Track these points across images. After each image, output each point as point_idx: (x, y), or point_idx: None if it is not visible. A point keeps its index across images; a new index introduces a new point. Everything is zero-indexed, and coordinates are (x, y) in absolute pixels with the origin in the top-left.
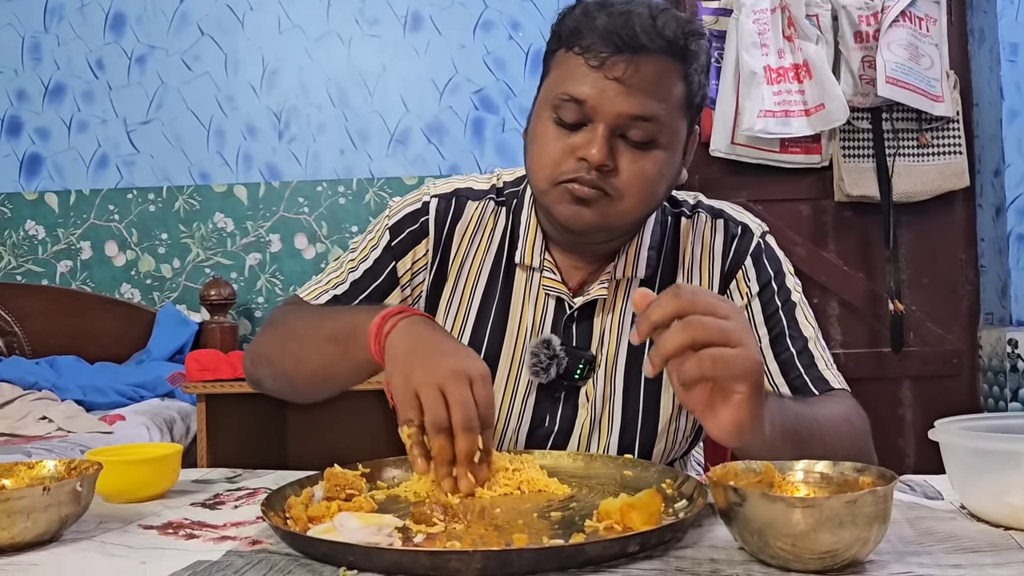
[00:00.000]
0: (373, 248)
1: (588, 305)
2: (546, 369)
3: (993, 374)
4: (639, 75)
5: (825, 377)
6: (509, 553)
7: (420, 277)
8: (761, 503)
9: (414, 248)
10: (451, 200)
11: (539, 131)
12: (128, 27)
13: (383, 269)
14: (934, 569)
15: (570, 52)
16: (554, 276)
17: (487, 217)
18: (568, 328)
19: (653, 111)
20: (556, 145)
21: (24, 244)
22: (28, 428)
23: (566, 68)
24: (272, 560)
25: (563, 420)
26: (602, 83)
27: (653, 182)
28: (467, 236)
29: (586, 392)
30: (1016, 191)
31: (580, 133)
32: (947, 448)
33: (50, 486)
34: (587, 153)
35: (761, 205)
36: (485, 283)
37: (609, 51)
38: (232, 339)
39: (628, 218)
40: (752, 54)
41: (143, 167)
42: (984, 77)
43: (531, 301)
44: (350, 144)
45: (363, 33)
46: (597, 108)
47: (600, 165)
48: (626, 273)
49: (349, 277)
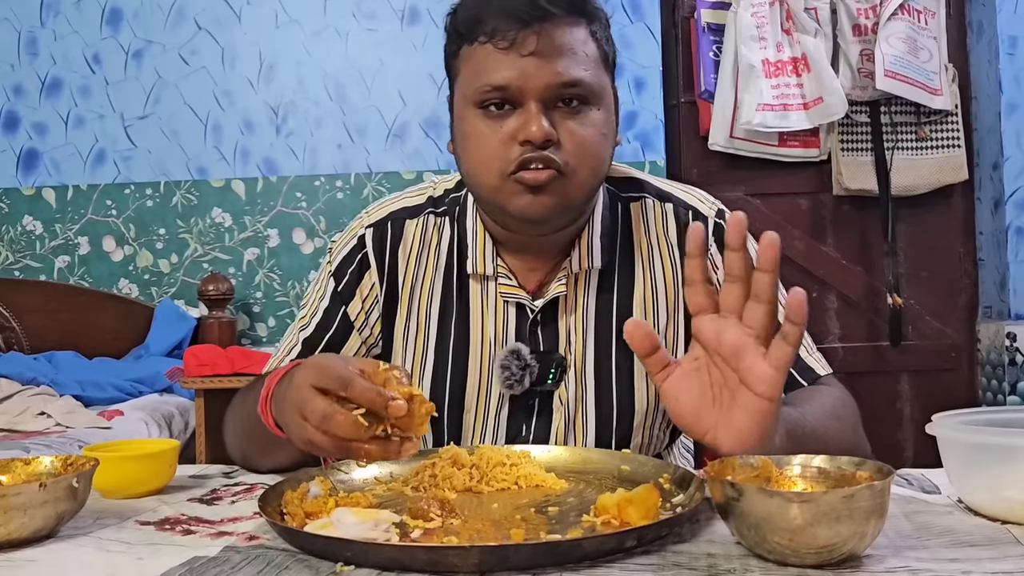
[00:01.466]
0: (321, 299)
1: (550, 306)
2: (520, 380)
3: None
4: (551, 43)
5: (810, 365)
6: (506, 548)
7: (375, 314)
8: (758, 498)
9: (359, 286)
10: (386, 226)
11: (469, 131)
12: (125, 22)
13: (334, 318)
14: (931, 563)
15: (475, 44)
16: (510, 281)
17: (430, 232)
18: (533, 333)
19: (577, 74)
20: (493, 138)
21: (22, 239)
22: (26, 423)
23: (477, 61)
24: (269, 556)
25: (538, 427)
26: (519, 63)
27: (599, 145)
28: (412, 257)
29: (559, 395)
30: (1015, 184)
31: (512, 119)
32: (944, 442)
33: (46, 482)
34: (528, 133)
35: (759, 199)
36: (440, 301)
37: (515, 29)
38: (230, 334)
39: (584, 190)
40: (750, 47)
41: (140, 162)
42: (983, 70)
43: (490, 311)
44: (348, 139)
45: (360, 27)
46: (522, 88)
47: (545, 140)
48: (582, 265)
49: (300, 337)
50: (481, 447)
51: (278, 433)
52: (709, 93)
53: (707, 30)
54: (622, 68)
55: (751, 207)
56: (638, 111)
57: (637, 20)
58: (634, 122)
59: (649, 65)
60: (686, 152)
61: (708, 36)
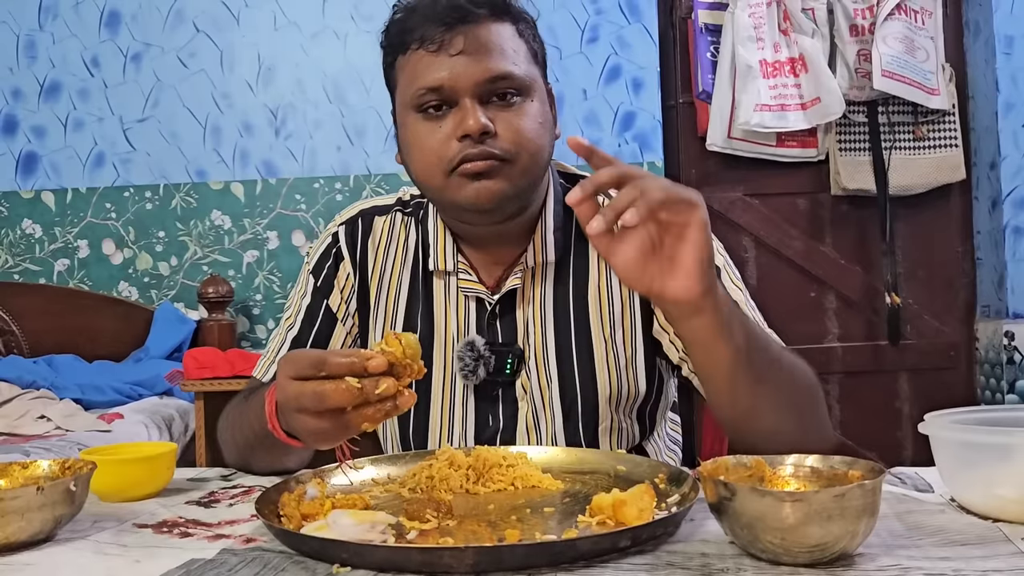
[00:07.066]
0: (303, 297)
1: (508, 299)
2: (474, 371)
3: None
4: (478, 41)
5: None
6: (501, 549)
7: (352, 303)
8: (751, 497)
9: (336, 277)
10: (357, 221)
11: (410, 136)
12: (123, 25)
13: (318, 312)
14: (923, 562)
15: (408, 52)
16: (470, 276)
17: (397, 228)
18: (492, 325)
19: (505, 67)
20: (432, 138)
21: (21, 243)
22: (26, 427)
23: (411, 67)
24: (266, 558)
25: (506, 417)
26: (448, 62)
27: (536, 132)
28: (380, 249)
29: (522, 385)
30: (1012, 183)
31: (450, 118)
32: (937, 441)
33: (44, 486)
34: (465, 127)
35: (758, 199)
36: (407, 295)
37: (442, 31)
38: (230, 337)
39: (527, 176)
40: (748, 48)
41: (140, 165)
42: (980, 70)
43: (452, 306)
44: (347, 140)
45: (359, 29)
46: (455, 87)
47: (482, 132)
48: (537, 259)
49: (288, 336)
50: (478, 448)
51: (294, 443)
52: (707, 94)
53: (705, 31)
54: (619, 69)
55: (750, 207)
56: (636, 112)
57: (635, 21)
58: (632, 123)
59: (647, 66)
60: (684, 153)
61: (706, 37)
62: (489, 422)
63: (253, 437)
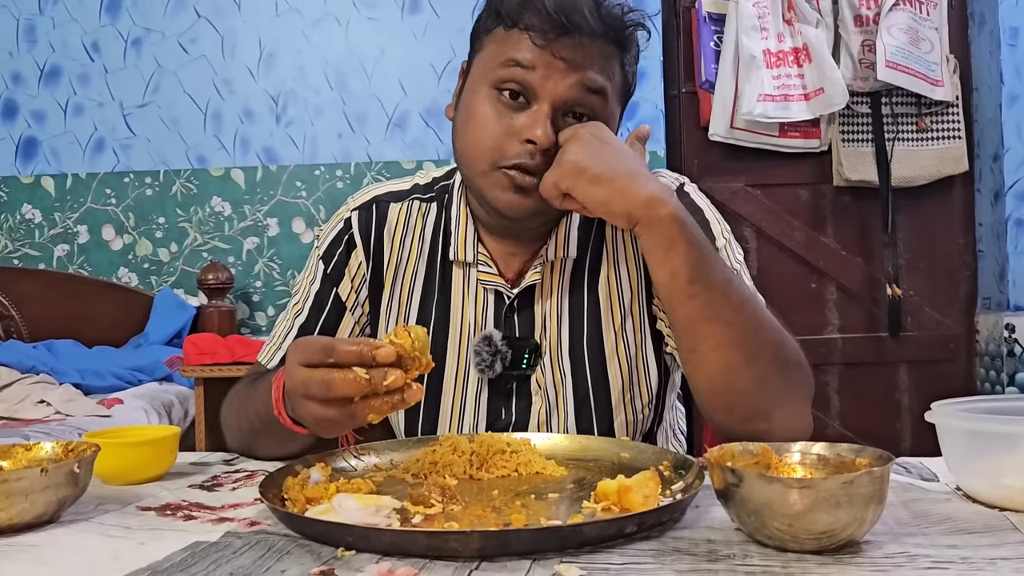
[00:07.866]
0: (312, 283)
1: (527, 293)
2: (491, 365)
3: (990, 359)
4: (584, 56)
5: None
6: (507, 533)
7: (363, 293)
8: (758, 484)
9: (348, 265)
10: (371, 208)
11: (476, 110)
12: (124, 9)
13: (327, 300)
14: (929, 549)
15: (512, 30)
16: (489, 269)
17: (414, 217)
18: (509, 319)
19: (595, 93)
20: (497, 126)
21: (21, 228)
22: (26, 411)
23: (509, 42)
24: (270, 541)
25: (519, 411)
26: (548, 59)
27: None
28: (396, 238)
29: (537, 380)
30: (1015, 176)
31: (522, 114)
32: (943, 430)
33: (48, 468)
34: (533, 134)
35: (760, 190)
36: (422, 285)
37: (555, 32)
38: (230, 323)
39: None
40: (752, 38)
41: (140, 151)
42: (984, 61)
43: (470, 297)
44: (348, 128)
45: (361, 16)
46: (543, 84)
47: (548, 148)
48: (558, 254)
49: (296, 323)
50: (481, 434)
51: (299, 430)
52: (710, 83)
53: (708, 20)
54: None
55: (752, 198)
56: (638, 101)
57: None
58: (634, 113)
59: (650, 55)
60: (686, 143)
61: (709, 26)
62: (501, 415)
63: (258, 422)
